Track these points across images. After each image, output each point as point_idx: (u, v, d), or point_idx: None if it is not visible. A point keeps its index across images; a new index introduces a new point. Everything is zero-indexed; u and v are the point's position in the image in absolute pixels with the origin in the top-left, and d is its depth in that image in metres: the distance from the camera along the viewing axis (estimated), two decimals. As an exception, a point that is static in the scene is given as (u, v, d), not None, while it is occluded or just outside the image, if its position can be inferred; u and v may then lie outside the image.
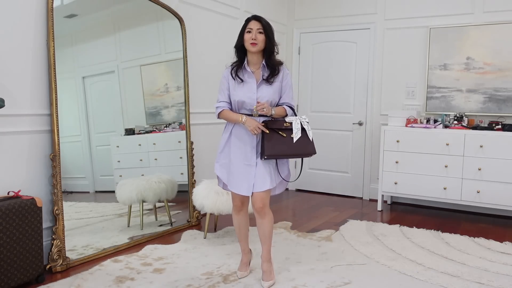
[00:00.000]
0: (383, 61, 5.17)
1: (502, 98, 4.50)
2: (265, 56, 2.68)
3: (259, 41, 2.62)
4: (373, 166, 5.27)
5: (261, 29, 2.63)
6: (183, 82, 4.05)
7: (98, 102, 3.41)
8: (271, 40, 2.66)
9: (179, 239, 3.59)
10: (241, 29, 2.69)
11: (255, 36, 2.61)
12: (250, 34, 2.62)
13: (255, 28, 2.63)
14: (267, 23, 2.66)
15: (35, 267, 2.65)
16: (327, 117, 5.56)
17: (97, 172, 3.42)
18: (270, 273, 2.74)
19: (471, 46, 4.63)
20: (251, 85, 2.68)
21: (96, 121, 3.38)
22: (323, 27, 5.51)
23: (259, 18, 2.67)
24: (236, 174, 2.68)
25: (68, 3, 3.13)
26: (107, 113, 3.51)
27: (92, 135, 3.37)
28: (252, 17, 2.69)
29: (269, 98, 2.67)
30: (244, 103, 2.68)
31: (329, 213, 4.61)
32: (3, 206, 2.48)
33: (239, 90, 2.69)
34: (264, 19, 2.68)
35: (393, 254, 3.31)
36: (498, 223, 4.36)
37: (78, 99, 3.27)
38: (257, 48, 2.63)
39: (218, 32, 4.56)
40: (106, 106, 3.51)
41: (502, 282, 2.81)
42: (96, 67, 3.32)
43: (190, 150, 4.09)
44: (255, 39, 2.61)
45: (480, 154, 4.19)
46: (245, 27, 2.66)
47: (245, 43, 2.65)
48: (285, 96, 2.75)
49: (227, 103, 2.74)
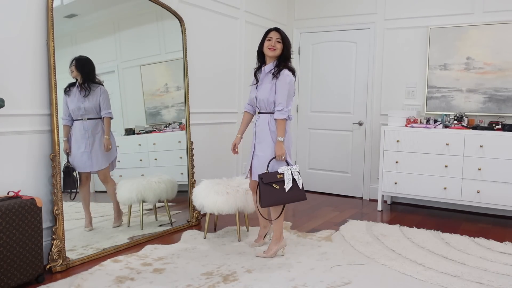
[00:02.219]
0: (383, 61, 5.17)
1: (502, 98, 4.50)
2: (281, 62, 3.13)
3: (278, 48, 3.11)
4: (373, 166, 5.28)
5: (280, 39, 3.12)
6: (183, 82, 4.05)
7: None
8: (288, 49, 3.14)
9: (179, 239, 3.59)
10: (262, 38, 3.18)
11: (274, 44, 3.10)
12: (270, 42, 3.12)
13: (275, 37, 3.12)
14: (285, 35, 3.15)
15: (35, 267, 2.65)
16: (327, 117, 5.56)
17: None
18: (270, 250, 3.17)
19: (471, 46, 4.63)
20: (255, 86, 3.24)
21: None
22: (323, 27, 5.51)
23: (279, 29, 3.16)
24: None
25: (68, 3, 3.13)
26: (107, 113, 3.51)
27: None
28: (273, 28, 3.18)
29: (262, 97, 3.13)
30: (252, 101, 3.27)
31: (329, 213, 4.61)
32: (3, 206, 2.48)
33: (252, 90, 3.28)
34: (283, 31, 3.16)
35: (393, 254, 3.31)
36: (498, 223, 4.37)
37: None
38: (275, 53, 3.12)
39: (218, 32, 4.56)
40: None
41: (502, 282, 2.81)
42: (96, 67, 3.32)
43: (190, 150, 4.09)
44: (274, 46, 3.10)
45: (480, 154, 4.19)
46: (265, 36, 3.15)
47: (264, 49, 3.15)
48: (276, 96, 3.08)
49: (249, 105, 3.35)
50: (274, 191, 3.00)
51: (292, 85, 3.13)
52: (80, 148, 3.22)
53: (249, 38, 5.01)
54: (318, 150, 5.66)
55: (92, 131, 3.27)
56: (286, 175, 3.01)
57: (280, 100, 3.05)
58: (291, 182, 3.02)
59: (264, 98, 3.11)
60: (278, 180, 3.01)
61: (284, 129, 3.07)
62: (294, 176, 3.04)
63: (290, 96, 3.12)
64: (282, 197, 3.01)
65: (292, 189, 3.02)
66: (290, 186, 3.01)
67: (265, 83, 3.13)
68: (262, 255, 3.17)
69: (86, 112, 3.23)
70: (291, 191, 3.01)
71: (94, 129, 3.29)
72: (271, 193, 2.99)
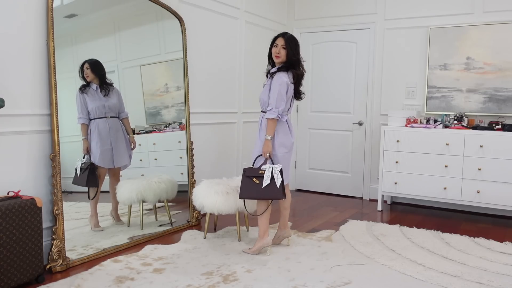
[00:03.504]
0: (383, 61, 5.17)
1: (502, 98, 4.50)
2: (288, 66, 3.23)
3: (282, 55, 3.22)
4: (373, 166, 5.28)
5: (284, 45, 3.21)
6: (183, 82, 4.05)
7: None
8: (294, 54, 3.22)
9: (179, 239, 3.59)
10: (271, 43, 3.29)
11: (279, 51, 3.22)
12: (275, 49, 3.24)
13: (280, 44, 3.22)
14: (289, 39, 3.22)
15: (35, 267, 2.65)
16: (327, 117, 5.56)
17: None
18: (255, 248, 3.26)
19: (471, 46, 4.63)
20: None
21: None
22: (323, 27, 5.51)
23: (285, 35, 3.25)
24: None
25: (68, 3, 3.13)
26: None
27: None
28: (280, 34, 3.27)
29: (261, 97, 3.30)
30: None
31: (329, 213, 4.61)
32: (3, 206, 2.48)
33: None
34: (288, 36, 3.25)
35: (393, 254, 3.31)
36: (498, 223, 4.37)
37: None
38: (279, 60, 3.25)
39: (218, 32, 4.56)
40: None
41: (502, 282, 2.81)
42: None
43: (190, 150, 4.09)
44: (279, 53, 3.22)
45: (480, 154, 4.19)
46: (273, 42, 3.27)
47: (272, 55, 3.29)
48: (269, 96, 3.21)
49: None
50: (253, 185, 3.14)
51: (284, 86, 3.18)
52: (105, 145, 3.35)
53: (249, 38, 5.01)
54: (318, 150, 5.66)
55: (115, 128, 3.43)
56: (266, 172, 3.13)
57: (270, 100, 3.19)
58: (269, 179, 3.12)
59: (262, 98, 3.31)
60: (259, 176, 3.14)
61: (272, 128, 3.18)
62: (273, 174, 3.13)
63: (281, 96, 3.16)
64: (259, 192, 3.13)
65: (269, 185, 3.11)
66: (268, 183, 3.11)
67: (266, 85, 3.31)
68: (247, 251, 3.28)
69: (110, 110, 3.38)
70: (268, 188, 3.11)
71: (116, 126, 3.45)
72: (249, 186, 3.15)
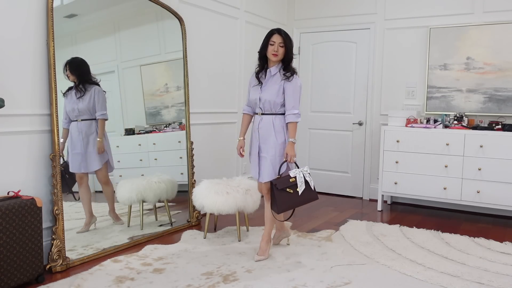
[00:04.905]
0: (383, 61, 5.17)
1: (502, 98, 4.50)
2: (283, 65, 3.11)
3: (280, 53, 3.06)
4: (373, 166, 5.28)
5: (282, 43, 3.06)
6: (183, 82, 4.05)
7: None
8: (291, 52, 3.10)
9: (179, 239, 3.60)
10: (264, 40, 3.11)
11: (277, 49, 3.05)
12: (273, 47, 3.06)
13: (277, 42, 3.05)
14: (287, 37, 3.08)
15: (35, 267, 2.65)
16: (327, 117, 5.56)
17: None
18: (265, 251, 3.16)
19: (471, 46, 4.63)
20: (258, 87, 3.16)
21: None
22: (323, 27, 5.51)
23: (281, 32, 3.08)
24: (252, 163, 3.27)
25: (68, 3, 3.13)
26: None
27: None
28: (276, 31, 3.09)
29: (268, 98, 3.09)
30: (252, 102, 3.20)
31: (329, 213, 4.61)
32: (3, 206, 2.48)
33: (254, 91, 3.18)
34: (285, 33, 3.09)
35: (393, 254, 3.31)
36: (498, 223, 4.37)
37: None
38: (277, 58, 3.08)
39: (218, 32, 4.56)
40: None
41: (502, 282, 2.81)
42: (96, 67, 3.32)
43: (190, 150, 4.09)
44: (277, 51, 3.05)
45: (480, 154, 4.19)
46: (268, 39, 3.08)
47: (267, 53, 3.09)
48: (286, 102, 3.08)
49: (248, 107, 3.30)
50: (289, 195, 3.01)
51: (301, 89, 3.18)
52: (75, 149, 3.23)
53: (249, 38, 5.00)
54: (318, 150, 5.66)
55: (86, 132, 3.27)
56: (298, 178, 3.05)
57: (293, 104, 3.06)
58: (303, 184, 3.06)
59: (271, 99, 3.07)
60: (291, 184, 3.03)
61: (295, 131, 3.09)
62: (306, 178, 3.08)
63: (299, 99, 3.16)
64: (297, 200, 3.04)
65: (304, 191, 3.05)
66: (303, 188, 3.05)
67: (270, 85, 3.10)
68: (260, 258, 3.14)
69: (80, 113, 3.23)
70: (304, 193, 3.05)
71: (88, 130, 3.29)
72: (286, 198, 3.00)
